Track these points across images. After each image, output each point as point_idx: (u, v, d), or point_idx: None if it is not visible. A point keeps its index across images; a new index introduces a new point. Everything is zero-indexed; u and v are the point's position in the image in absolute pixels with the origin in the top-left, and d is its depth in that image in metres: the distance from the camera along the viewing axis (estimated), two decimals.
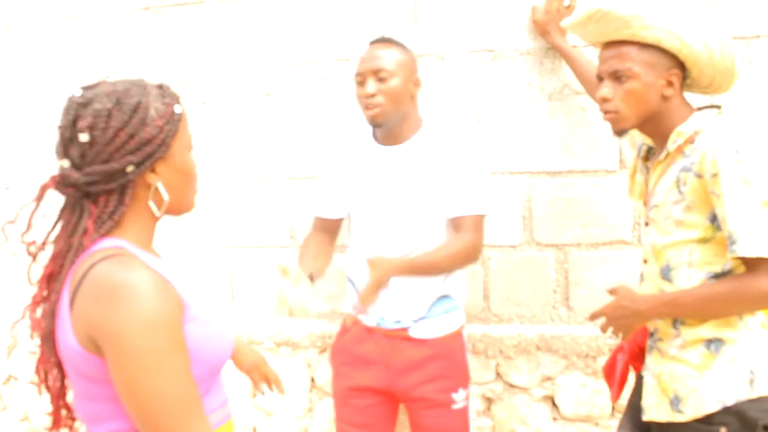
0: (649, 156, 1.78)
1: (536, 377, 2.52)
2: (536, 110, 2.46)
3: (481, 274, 2.57)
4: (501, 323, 2.57)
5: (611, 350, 1.89)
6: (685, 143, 1.60)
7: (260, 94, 2.68)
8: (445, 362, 2.09)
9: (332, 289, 1.90)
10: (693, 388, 1.58)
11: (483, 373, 2.55)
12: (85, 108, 1.15)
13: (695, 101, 1.72)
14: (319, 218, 2.21)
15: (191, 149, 1.28)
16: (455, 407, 2.10)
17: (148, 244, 1.26)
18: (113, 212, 1.18)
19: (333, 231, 2.23)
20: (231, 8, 2.67)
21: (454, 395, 2.10)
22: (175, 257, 2.75)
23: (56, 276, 1.17)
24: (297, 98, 2.65)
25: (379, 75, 1.95)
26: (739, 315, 1.57)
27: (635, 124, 1.66)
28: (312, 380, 2.73)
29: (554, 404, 2.54)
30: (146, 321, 1.06)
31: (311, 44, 2.62)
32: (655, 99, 1.61)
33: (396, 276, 1.88)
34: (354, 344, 2.15)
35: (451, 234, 2.04)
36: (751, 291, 1.50)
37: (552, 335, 2.48)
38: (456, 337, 2.13)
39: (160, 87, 1.23)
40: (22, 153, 2.94)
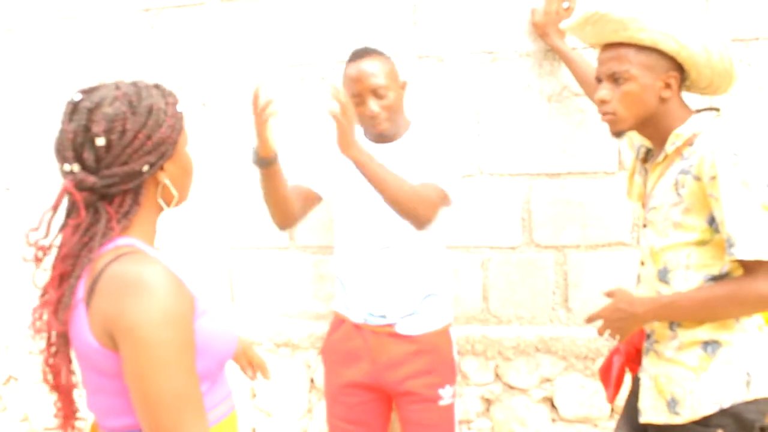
0: (648, 157, 1.79)
1: (535, 378, 2.52)
2: (535, 112, 2.46)
3: (481, 276, 2.57)
4: (500, 324, 2.57)
5: (609, 352, 1.89)
6: (684, 145, 1.60)
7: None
8: (432, 358, 2.12)
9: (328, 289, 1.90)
10: (690, 390, 1.59)
11: (482, 375, 2.55)
12: (96, 112, 1.17)
13: (694, 103, 1.72)
14: (295, 186, 2.16)
15: (188, 145, 1.33)
16: (442, 403, 2.13)
17: (152, 241, 1.29)
18: (128, 212, 1.22)
19: (305, 202, 2.16)
20: (231, 10, 2.68)
21: (441, 391, 2.13)
22: (176, 257, 2.76)
23: (68, 275, 1.18)
24: (297, 99, 2.65)
25: (378, 93, 2.00)
26: (737, 318, 1.58)
27: (633, 126, 1.66)
28: (311, 381, 2.74)
29: (553, 405, 2.54)
30: (161, 316, 1.10)
31: (311, 46, 2.62)
32: (653, 101, 1.61)
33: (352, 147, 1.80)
34: (343, 342, 2.19)
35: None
36: (749, 294, 1.50)
37: (551, 337, 2.48)
38: (443, 334, 2.16)
39: (158, 87, 1.26)
40: (23, 154, 2.95)
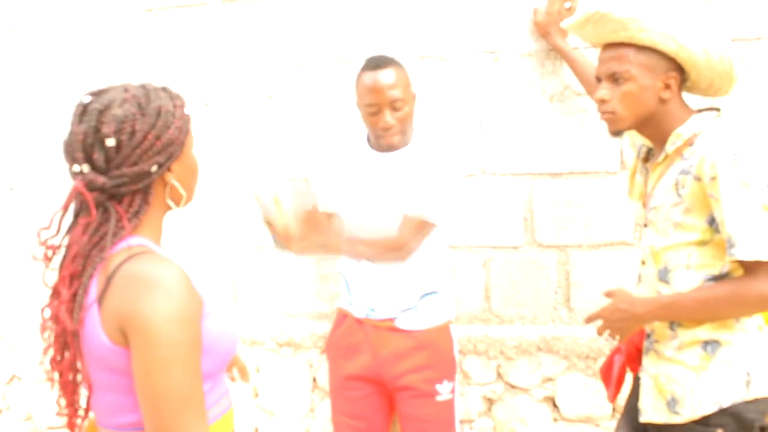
0: (649, 157, 1.79)
1: (537, 378, 2.52)
2: (537, 112, 2.46)
3: (483, 275, 2.57)
4: (502, 324, 2.58)
5: (610, 351, 1.89)
6: (684, 146, 1.60)
7: (262, 96, 2.70)
8: (431, 353, 2.14)
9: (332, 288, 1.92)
10: (690, 390, 1.59)
11: (484, 374, 2.56)
12: (106, 114, 1.19)
13: (695, 103, 1.72)
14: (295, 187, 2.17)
15: (194, 147, 1.35)
16: (440, 399, 2.15)
17: (159, 241, 1.32)
18: (138, 211, 1.24)
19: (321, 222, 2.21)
20: (233, 10, 2.68)
21: (439, 387, 2.15)
22: (183, 257, 2.76)
23: (79, 275, 1.20)
24: (299, 100, 2.66)
25: (394, 105, 2.00)
26: (737, 318, 1.58)
27: (632, 126, 1.67)
28: (314, 380, 2.74)
29: (555, 405, 2.54)
30: (174, 315, 1.12)
31: (313, 46, 2.63)
32: (652, 101, 1.61)
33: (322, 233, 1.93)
34: (345, 336, 2.23)
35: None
36: (750, 294, 1.50)
37: (553, 336, 2.48)
38: (442, 331, 2.18)
39: (165, 90, 1.29)
40: (26, 154, 2.96)
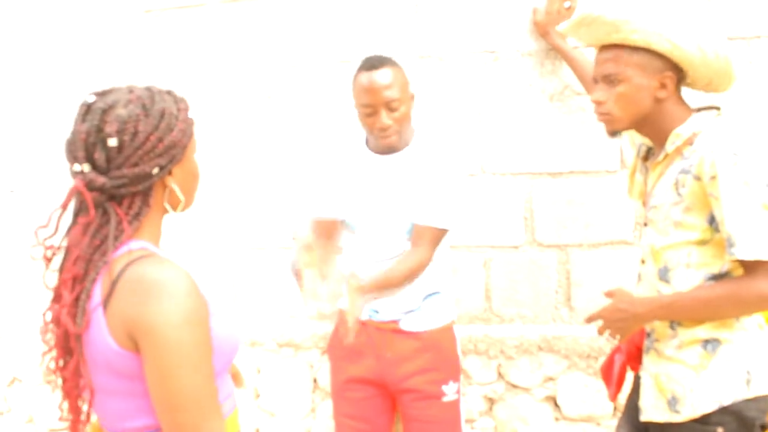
0: (649, 156, 1.78)
1: (538, 377, 2.52)
2: (537, 111, 2.46)
3: (483, 275, 2.57)
4: (503, 324, 2.58)
5: (611, 350, 1.89)
6: (684, 145, 1.60)
7: (262, 96, 2.70)
8: (435, 355, 2.13)
9: (335, 289, 1.92)
10: (690, 389, 1.58)
11: (485, 374, 2.56)
12: (109, 113, 1.18)
13: (697, 100, 1.72)
14: (319, 221, 2.20)
15: (196, 152, 1.34)
16: (445, 399, 2.14)
17: (158, 244, 1.31)
18: (138, 214, 1.23)
19: (333, 233, 2.22)
20: (232, 11, 2.69)
21: (444, 387, 2.14)
22: (185, 259, 2.76)
23: (82, 279, 1.18)
24: (298, 100, 2.66)
25: (391, 105, 1.99)
26: (737, 317, 1.58)
27: (628, 126, 1.67)
28: (314, 381, 2.75)
29: (556, 404, 2.54)
30: (182, 317, 1.12)
31: (313, 46, 2.63)
32: (648, 101, 1.61)
33: (366, 295, 1.92)
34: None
35: (410, 243, 2.07)
36: (750, 293, 1.50)
37: (554, 335, 2.48)
38: (446, 331, 2.17)
39: (170, 93, 1.28)
40: (27, 156, 2.96)
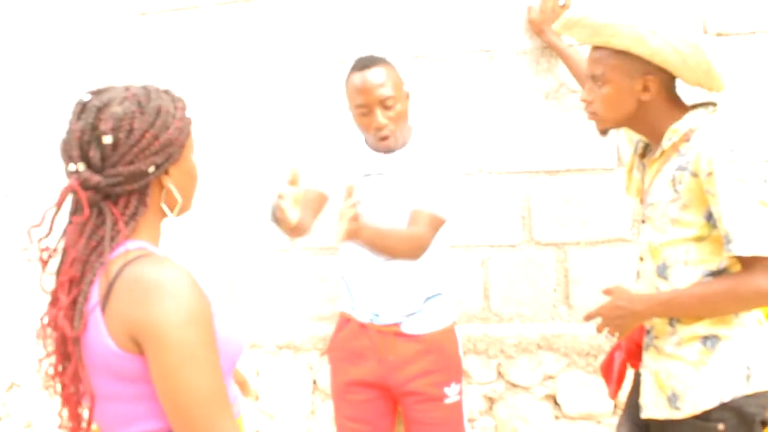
0: (646, 153, 1.79)
1: (538, 376, 2.52)
2: (533, 109, 2.46)
3: (481, 274, 2.57)
4: (501, 323, 2.58)
5: (611, 348, 1.89)
6: (680, 141, 1.60)
7: (257, 98, 2.69)
8: (437, 357, 2.12)
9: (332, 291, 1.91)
10: (690, 385, 1.59)
11: (484, 373, 2.55)
12: (104, 111, 1.16)
13: (693, 97, 1.72)
14: (308, 190, 2.13)
15: (194, 152, 1.32)
16: (448, 401, 2.14)
17: (157, 245, 1.28)
18: (135, 213, 1.21)
19: (314, 207, 2.17)
20: (227, 12, 2.68)
21: (447, 389, 2.14)
22: (184, 260, 2.76)
23: (78, 281, 1.16)
24: (294, 102, 2.66)
25: (385, 104, 1.98)
26: (735, 313, 1.58)
27: (615, 126, 1.70)
28: (314, 383, 2.74)
29: (556, 403, 2.54)
30: (186, 316, 1.09)
31: (308, 47, 2.62)
32: (631, 103, 1.63)
33: (359, 226, 1.80)
34: (349, 340, 2.20)
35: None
36: (747, 290, 1.50)
37: (553, 334, 2.48)
38: (448, 333, 2.17)
39: (167, 92, 1.26)
40: (21, 160, 2.96)
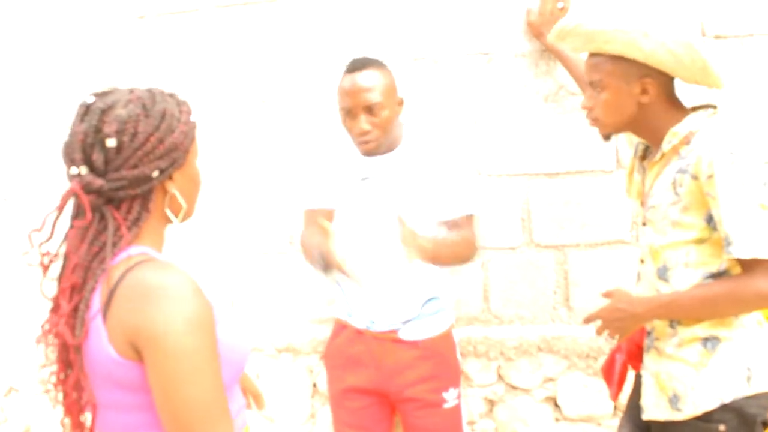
0: (646, 155, 1.79)
1: (538, 378, 2.52)
2: (532, 112, 2.47)
3: (481, 276, 2.57)
4: (502, 325, 2.58)
5: (611, 350, 1.89)
6: (681, 144, 1.61)
7: (256, 101, 2.70)
8: (435, 362, 2.10)
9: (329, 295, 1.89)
10: (691, 386, 1.59)
11: (484, 375, 2.56)
12: (109, 114, 1.14)
13: (694, 99, 1.73)
14: (311, 211, 2.15)
15: (197, 158, 1.30)
16: (446, 406, 2.12)
17: (160, 251, 1.25)
18: (138, 218, 1.18)
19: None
20: (225, 16, 2.68)
21: (445, 395, 2.12)
22: (187, 265, 2.75)
23: (80, 287, 1.13)
24: (293, 104, 2.66)
25: (371, 109, 1.94)
26: (735, 315, 1.58)
27: (616, 130, 1.70)
28: (314, 386, 2.74)
29: (556, 405, 2.54)
30: (187, 322, 1.06)
31: (307, 50, 2.63)
32: (631, 107, 1.63)
33: (423, 255, 1.83)
34: (345, 346, 2.17)
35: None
36: (748, 292, 1.50)
37: (553, 336, 2.48)
38: (445, 338, 2.15)
39: (172, 96, 1.23)
40: (20, 164, 2.95)
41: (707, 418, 1.57)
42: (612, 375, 1.88)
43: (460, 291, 2.58)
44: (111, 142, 1.12)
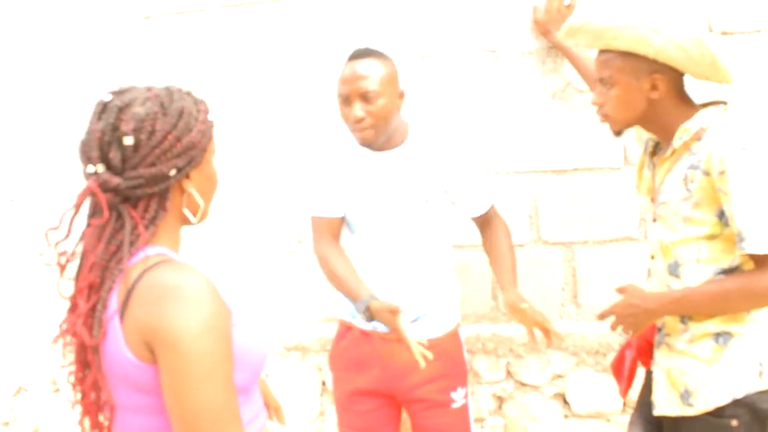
0: (656, 151, 1.79)
1: (547, 375, 2.53)
2: (539, 110, 2.47)
3: (489, 274, 2.58)
4: (510, 322, 2.58)
5: (621, 346, 1.89)
6: (692, 140, 1.61)
7: (263, 100, 2.70)
8: (443, 362, 2.08)
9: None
10: (702, 382, 1.59)
11: (494, 372, 2.56)
12: (126, 112, 1.13)
13: (704, 95, 1.73)
14: (321, 219, 2.13)
15: (215, 157, 1.29)
16: (455, 406, 2.11)
17: (177, 251, 1.24)
18: (155, 217, 1.17)
19: (337, 232, 2.16)
20: (231, 16, 2.69)
21: (453, 394, 2.10)
22: (202, 265, 2.76)
23: (98, 287, 1.13)
24: (300, 104, 2.67)
25: (366, 97, 1.92)
26: (747, 311, 1.58)
27: (627, 126, 1.70)
28: (323, 384, 2.75)
29: (565, 401, 2.55)
30: (203, 324, 1.05)
31: (313, 49, 2.63)
32: (642, 103, 1.64)
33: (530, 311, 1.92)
34: (351, 348, 2.14)
35: (484, 229, 2.16)
36: (760, 287, 1.50)
37: (561, 333, 2.48)
38: (452, 337, 2.14)
39: (190, 94, 1.22)
40: (27, 165, 2.96)
41: (719, 414, 1.58)
42: (621, 371, 1.88)
43: (469, 288, 2.58)
44: (128, 140, 1.12)
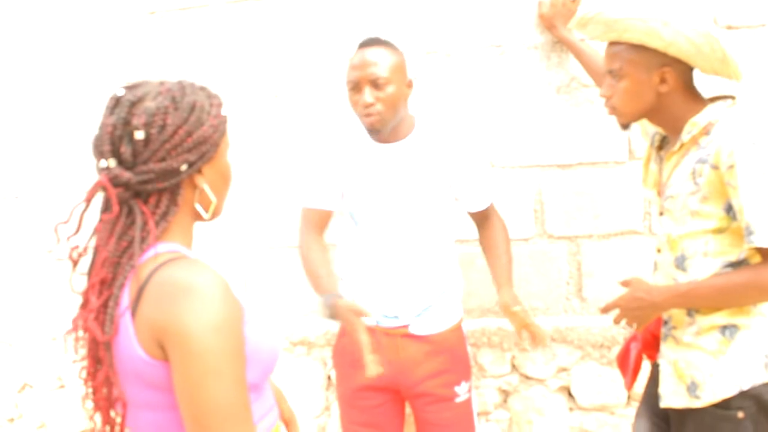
0: (663, 145, 1.80)
1: (552, 368, 2.54)
2: (545, 104, 2.48)
3: None
4: None
5: (626, 340, 1.90)
6: (700, 134, 1.62)
7: (269, 96, 2.71)
8: (447, 357, 2.09)
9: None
10: (709, 374, 1.60)
11: (499, 366, 2.57)
12: (138, 106, 1.13)
13: (713, 89, 1.73)
14: (312, 210, 2.13)
15: (229, 151, 1.28)
16: (458, 400, 2.11)
17: (190, 248, 1.24)
18: (166, 213, 1.16)
19: (324, 225, 2.16)
20: (236, 10, 2.69)
21: (457, 389, 2.11)
22: (215, 262, 2.77)
23: (110, 283, 1.12)
24: (306, 99, 2.67)
25: (376, 83, 1.93)
26: (754, 304, 1.59)
27: (635, 119, 1.70)
28: (328, 378, 2.76)
29: (570, 395, 2.56)
30: (215, 322, 1.05)
31: (319, 44, 2.64)
32: (650, 96, 1.64)
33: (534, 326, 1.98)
34: (354, 344, 2.13)
35: (481, 225, 2.19)
36: (767, 281, 1.51)
37: (566, 326, 2.50)
38: (456, 331, 2.14)
39: (203, 89, 1.21)
40: (31, 162, 2.97)
41: (726, 405, 1.59)
42: (627, 365, 1.89)
43: (474, 282, 2.59)
44: (139, 135, 1.11)
